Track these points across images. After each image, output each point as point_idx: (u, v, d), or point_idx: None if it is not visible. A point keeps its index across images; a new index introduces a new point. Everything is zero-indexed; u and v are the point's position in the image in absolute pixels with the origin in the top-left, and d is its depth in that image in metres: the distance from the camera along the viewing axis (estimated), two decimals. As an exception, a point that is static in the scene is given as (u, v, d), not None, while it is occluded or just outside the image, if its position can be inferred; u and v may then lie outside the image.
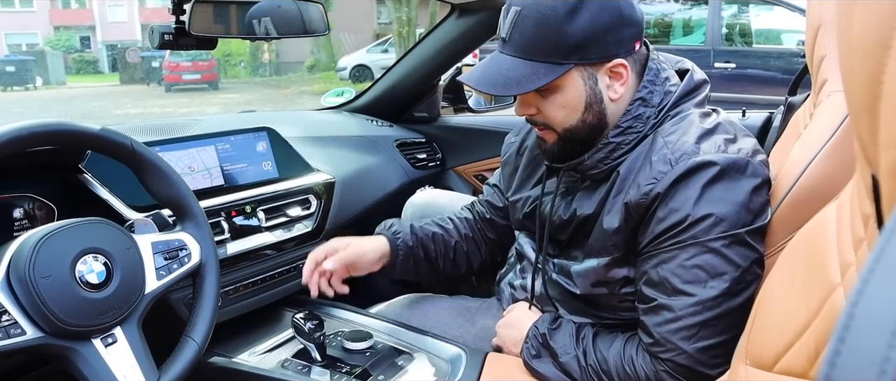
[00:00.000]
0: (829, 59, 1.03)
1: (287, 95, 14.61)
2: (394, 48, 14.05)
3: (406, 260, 1.26)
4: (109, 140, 0.92)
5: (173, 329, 1.01)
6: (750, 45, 7.99)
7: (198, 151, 1.28)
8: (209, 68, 15.79)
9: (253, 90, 15.97)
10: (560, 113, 0.99)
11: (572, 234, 1.09)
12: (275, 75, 19.03)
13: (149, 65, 16.77)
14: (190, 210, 0.99)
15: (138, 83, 16.75)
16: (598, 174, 1.03)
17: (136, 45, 20.01)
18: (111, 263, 0.86)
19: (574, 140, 1.02)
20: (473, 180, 2.02)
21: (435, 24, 1.82)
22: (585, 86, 0.98)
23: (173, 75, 15.51)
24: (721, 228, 0.90)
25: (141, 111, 11.81)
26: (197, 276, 0.98)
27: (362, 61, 15.07)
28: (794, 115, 1.30)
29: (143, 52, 17.30)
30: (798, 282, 0.58)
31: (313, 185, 1.43)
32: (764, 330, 0.62)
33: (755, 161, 0.94)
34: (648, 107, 1.00)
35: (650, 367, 0.94)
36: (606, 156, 1.01)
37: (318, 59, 18.33)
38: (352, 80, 14.75)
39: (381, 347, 1.21)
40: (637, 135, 0.99)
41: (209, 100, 13.57)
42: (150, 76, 16.64)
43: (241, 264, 1.27)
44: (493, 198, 1.35)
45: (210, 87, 15.84)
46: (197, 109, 11.97)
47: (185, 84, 15.56)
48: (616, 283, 1.03)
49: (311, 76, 17.54)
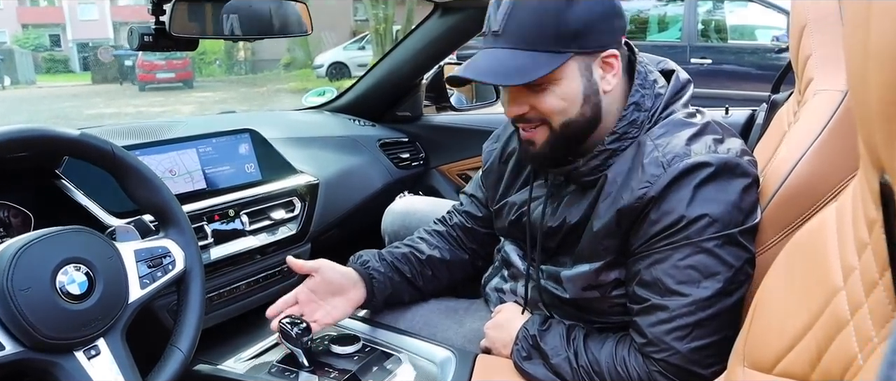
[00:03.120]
0: (816, 58, 1.04)
1: (263, 93, 14.47)
2: (371, 45, 13.97)
3: (383, 287, 1.23)
4: (89, 146, 0.89)
5: (157, 338, 0.99)
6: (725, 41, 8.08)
7: (179, 155, 1.25)
8: (183, 67, 15.59)
9: (228, 88, 15.79)
10: (559, 105, 0.96)
11: (562, 241, 1.08)
12: (250, 73, 18.85)
13: (122, 64, 16.51)
14: (173, 216, 0.97)
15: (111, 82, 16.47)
16: (590, 181, 1.02)
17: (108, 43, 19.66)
18: (93, 272, 0.83)
19: (569, 137, 0.99)
20: (457, 179, 2.01)
21: (418, 23, 1.80)
22: (583, 77, 0.96)
23: (147, 74, 15.28)
24: (714, 228, 0.91)
25: (115, 111, 11.61)
26: (181, 283, 0.96)
27: (339, 59, 14.98)
28: (778, 112, 1.31)
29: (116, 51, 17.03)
30: (798, 284, 0.57)
31: (297, 187, 1.41)
32: (762, 332, 0.62)
33: (744, 161, 0.95)
34: (642, 111, 0.99)
35: (643, 368, 0.94)
36: (602, 163, 0.99)
37: (295, 56, 18.18)
38: (329, 77, 14.65)
39: (368, 350, 1.20)
40: (632, 141, 0.98)
41: (184, 99, 13.39)
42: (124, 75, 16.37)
43: (225, 269, 1.25)
44: (471, 208, 1.33)
45: (185, 85, 15.64)
46: (172, 109, 11.80)
47: (159, 83, 15.35)
48: (607, 286, 1.03)
49: (288, 74, 17.40)
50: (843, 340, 0.49)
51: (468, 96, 2.29)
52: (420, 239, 1.33)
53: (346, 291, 1.21)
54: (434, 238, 1.33)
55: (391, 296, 1.26)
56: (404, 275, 1.26)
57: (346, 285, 1.21)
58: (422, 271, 1.29)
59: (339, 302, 1.20)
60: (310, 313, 1.18)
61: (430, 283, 1.31)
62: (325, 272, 1.18)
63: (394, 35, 13.10)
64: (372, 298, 1.23)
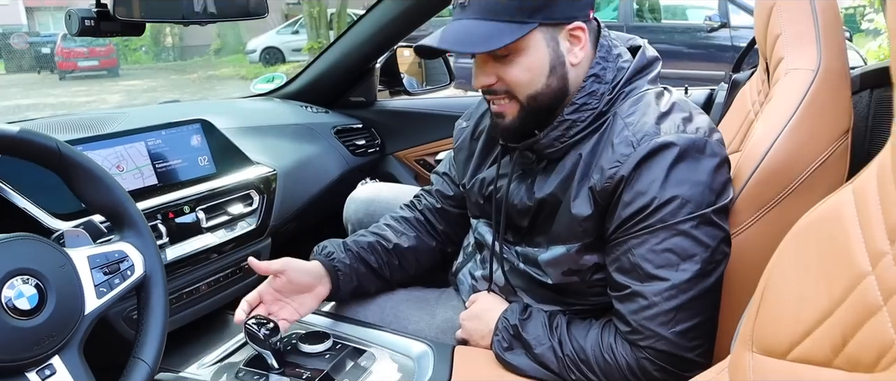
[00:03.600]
0: (786, 36, 1.04)
1: (194, 80, 13.94)
2: (305, 29, 13.63)
3: (348, 279, 1.19)
4: (32, 143, 0.80)
5: (117, 349, 0.91)
6: (659, 21, 8.29)
7: (126, 149, 1.16)
8: (107, 54, 14.77)
9: (157, 76, 15.13)
10: (524, 76, 0.96)
11: (533, 219, 1.06)
12: (179, 60, 18.12)
13: (38, 51, 15.53)
14: (129, 217, 0.89)
15: (28, 72, 15.47)
16: (554, 153, 1.00)
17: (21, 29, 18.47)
18: (44, 284, 0.75)
19: (538, 109, 0.98)
20: (415, 166, 1.96)
21: (371, 5, 1.74)
22: (548, 47, 0.96)
23: (68, 62, 14.40)
24: (687, 209, 0.90)
25: (33, 102, 10.92)
26: (142, 289, 0.88)
27: (272, 43, 14.57)
28: (741, 91, 1.32)
29: (31, 38, 16.03)
30: (813, 269, 0.56)
31: (254, 179, 1.34)
32: (774, 318, 0.61)
33: (712, 140, 0.95)
34: (602, 83, 0.99)
35: (631, 355, 0.93)
36: (562, 134, 0.99)
37: (225, 41, 17.60)
38: (263, 62, 14.24)
39: (339, 347, 1.15)
40: (592, 112, 0.98)
41: (110, 88, 12.74)
42: (41, 64, 15.41)
43: (183, 269, 1.17)
44: (443, 187, 1.30)
45: (109, 73, 14.87)
46: (97, 98, 11.23)
47: (81, 71, 14.51)
48: (587, 270, 1.01)
49: (219, 60, 16.83)
50: (876, 326, 0.48)
51: (419, 79, 2.25)
52: (386, 226, 1.28)
53: (312, 287, 1.16)
54: (401, 225, 1.29)
55: (357, 288, 1.22)
56: (370, 265, 1.22)
57: (313, 282, 1.16)
58: (389, 260, 1.24)
59: (305, 299, 1.16)
60: (276, 312, 1.12)
61: (398, 272, 1.27)
62: (290, 273, 1.12)
63: (328, 18, 12.82)
64: (337, 291, 1.19)
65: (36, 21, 20.97)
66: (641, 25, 7.93)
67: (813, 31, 1.02)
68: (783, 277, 0.61)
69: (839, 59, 1.00)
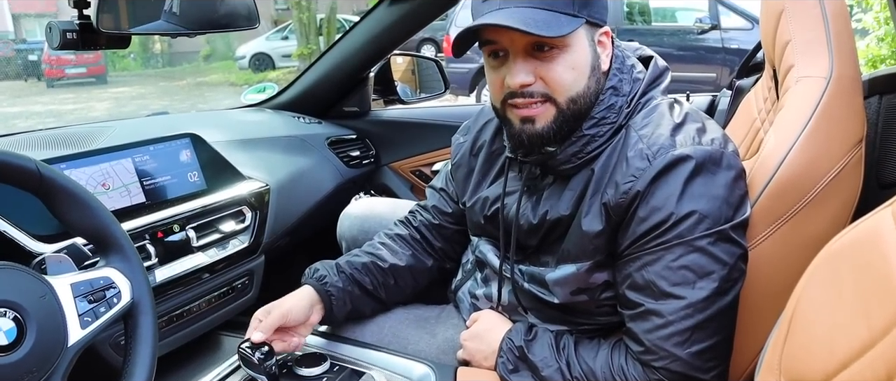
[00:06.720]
0: (796, 43, 1.01)
1: (183, 86, 13.83)
2: (294, 35, 13.56)
3: (342, 304, 1.14)
4: (8, 165, 0.75)
5: (103, 378, 0.86)
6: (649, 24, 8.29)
7: (111, 166, 1.11)
8: (95, 61, 14.59)
9: (145, 83, 15.00)
10: (569, 76, 0.91)
11: (543, 238, 1.02)
12: (168, 66, 17.99)
13: (25, 58, 15.35)
14: (115, 240, 0.84)
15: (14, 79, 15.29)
16: (569, 169, 0.96)
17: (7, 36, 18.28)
18: (23, 317, 0.70)
19: (575, 115, 0.92)
20: (411, 177, 1.92)
21: (365, 12, 1.70)
22: (591, 47, 0.93)
23: (55, 69, 14.23)
24: (705, 225, 0.87)
25: (20, 110, 10.81)
26: (129, 317, 0.83)
27: (262, 50, 14.48)
28: (745, 99, 1.29)
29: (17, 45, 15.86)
30: (848, 297, 0.53)
31: (246, 194, 1.29)
32: (804, 346, 0.57)
33: (729, 152, 0.92)
34: (620, 96, 0.95)
35: (643, 376, 0.90)
36: (580, 149, 0.95)
37: (214, 48, 17.49)
38: (252, 69, 14.16)
39: (337, 369, 1.10)
40: (611, 126, 0.94)
41: (98, 95, 12.62)
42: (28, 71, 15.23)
43: (173, 290, 1.13)
44: (440, 203, 1.25)
45: (97, 80, 14.71)
46: (85, 106, 11.11)
47: (69, 79, 14.35)
48: (596, 289, 0.98)
49: (208, 66, 16.73)
50: (926, 362, 0.44)
51: (412, 87, 2.20)
52: (381, 245, 1.23)
53: (308, 317, 1.11)
54: (396, 243, 1.24)
55: (352, 312, 1.17)
56: (365, 288, 1.17)
57: (307, 313, 1.11)
58: (384, 281, 1.20)
59: (301, 329, 1.11)
60: (275, 342, 1.07)
61: (394, 293, 1.22)
62: (288, 317, 1.07)
63: (317, 23, 12.75)
64: (331, 315, 1.14)
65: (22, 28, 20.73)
66: (632, 28, 7.93)
67: (824, 37, 0.98)
68: (814, 304, 0.57)
69: (851, 67, 0.97)
